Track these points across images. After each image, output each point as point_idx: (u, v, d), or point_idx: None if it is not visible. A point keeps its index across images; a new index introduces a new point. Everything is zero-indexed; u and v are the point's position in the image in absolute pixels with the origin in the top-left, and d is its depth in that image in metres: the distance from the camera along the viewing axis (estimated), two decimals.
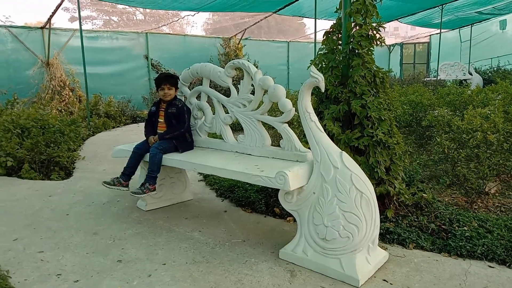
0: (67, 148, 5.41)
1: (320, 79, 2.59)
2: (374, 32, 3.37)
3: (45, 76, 9.79)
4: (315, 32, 12.02)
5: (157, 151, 3.33)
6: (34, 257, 2.80)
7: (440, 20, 13.62)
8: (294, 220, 3.32)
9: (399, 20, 15.50)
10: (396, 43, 20.53)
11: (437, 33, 19.25)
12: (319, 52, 3.62)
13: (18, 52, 9.78)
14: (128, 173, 3.48)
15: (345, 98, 3.31)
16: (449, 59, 15.94)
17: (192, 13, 12.05)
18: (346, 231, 2.44)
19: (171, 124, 3.56)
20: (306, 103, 2.66)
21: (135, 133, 7.98)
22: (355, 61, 3.25)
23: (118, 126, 8.84)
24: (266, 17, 13.16)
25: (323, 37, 3.68)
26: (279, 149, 3.07)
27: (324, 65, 3.55)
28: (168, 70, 12.50)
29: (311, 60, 3.61)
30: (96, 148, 6.43)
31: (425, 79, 14.80)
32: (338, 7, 3.51)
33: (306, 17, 13.12)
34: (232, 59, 13.76)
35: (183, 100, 3.77)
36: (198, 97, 3.82)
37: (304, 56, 15.94)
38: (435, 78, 14.20)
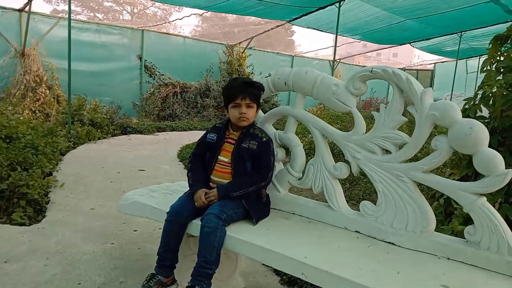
0: (40, 172, 3.77)
1: None
2: None
3: (18, 69, 8.13)
4: (335, 47, 10.81)
5: (217, 223, 1.77)
6: None
7: (454, 48, 13.46)
8: None
9: (411, 44, 14.90)
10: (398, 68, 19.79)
11: (443, 61, 18.61)
12: (486, 68, 2.23)
13: None
14: (168, 264, 1.94)
15: None
16: (455, 89, 15.23)
17: (181, 16, 11.49)
18: None
19: (242, 168, 2.02)
20: None
21: (127, 149, 6.34)
22: None
23: (104, 137, 7.13)
24: (279, 26, 11.91)
25: (489, 44, 2.30)
26: (466, 244, 1.61)
27: (495, 88, 2.16)
28: (162, 75, 10.91)
29: (484, 85, 2.20)
30: (79, 169, 4.76)
31: None
32: None
33: (320, 31, 11.93)
34: (236, 69, 12.50)
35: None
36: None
37: None
38: None
